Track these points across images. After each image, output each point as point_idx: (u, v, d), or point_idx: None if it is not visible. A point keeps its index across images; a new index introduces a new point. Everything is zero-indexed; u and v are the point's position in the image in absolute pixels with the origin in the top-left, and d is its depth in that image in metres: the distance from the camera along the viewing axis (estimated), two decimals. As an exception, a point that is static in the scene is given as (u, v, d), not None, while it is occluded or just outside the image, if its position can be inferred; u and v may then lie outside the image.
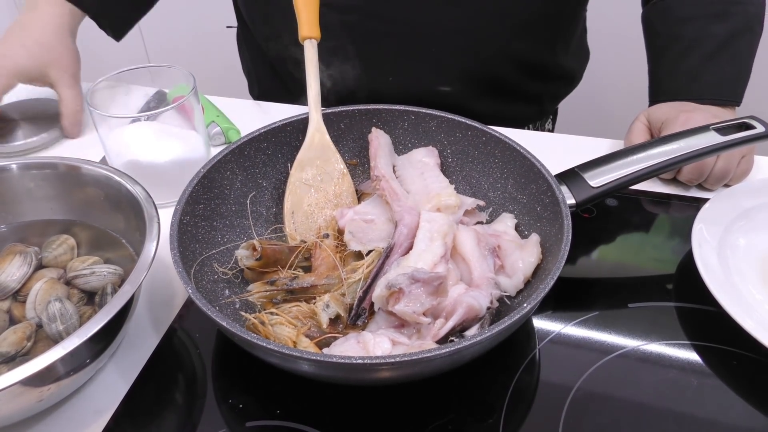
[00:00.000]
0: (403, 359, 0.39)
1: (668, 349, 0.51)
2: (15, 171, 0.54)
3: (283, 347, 0.40)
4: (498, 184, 0.60)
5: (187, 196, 0.51)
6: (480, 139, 0.59)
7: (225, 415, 0.47)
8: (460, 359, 0.43)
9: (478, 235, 0.53)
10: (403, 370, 0.41)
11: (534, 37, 0.75)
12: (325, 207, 0.59)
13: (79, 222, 0.56)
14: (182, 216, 0.50)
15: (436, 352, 0.39)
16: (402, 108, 0.61)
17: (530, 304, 0.42)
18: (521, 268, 0.51)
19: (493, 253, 0.52)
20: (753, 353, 0.50)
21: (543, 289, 0.43)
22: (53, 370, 0.41)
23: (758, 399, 0.47)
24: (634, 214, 0.64)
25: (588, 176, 0.53)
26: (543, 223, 0.54)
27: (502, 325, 0.41)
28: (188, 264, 0.48)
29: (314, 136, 0.59)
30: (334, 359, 0.40)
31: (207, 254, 0.53)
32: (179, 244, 0.48)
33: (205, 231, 0.54)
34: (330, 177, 0.60)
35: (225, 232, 0.56)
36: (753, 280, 0.54)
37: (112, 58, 1.85)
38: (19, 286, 0.50)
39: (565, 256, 0.46)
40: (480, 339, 0.40)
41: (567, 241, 0.47)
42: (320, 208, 0.59)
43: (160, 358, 0.51)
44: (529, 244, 0.53)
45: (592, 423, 0.46)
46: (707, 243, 0.56)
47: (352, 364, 0.39)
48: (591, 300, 0.56)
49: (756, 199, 0.60)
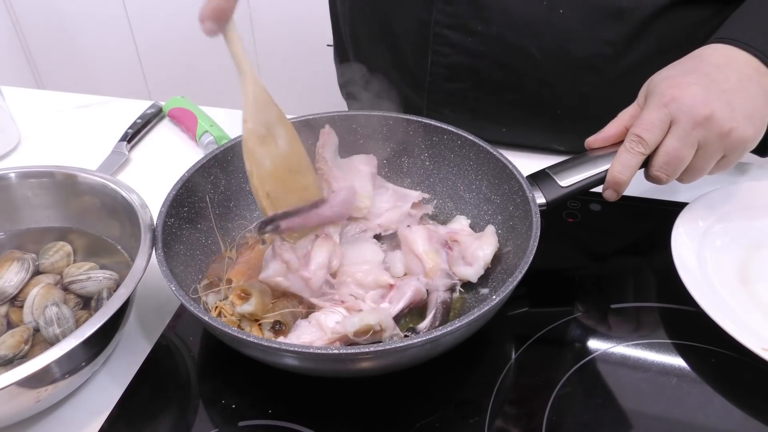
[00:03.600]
0: (377, 349, 0.41)
1: (649, 348, 0.53)
2: (13, 180, 0.56)
3: (262, 339, 0.43)
4: (473, 186, 0.62)
5: (171, 198, 0.53)
6: (455, 143, 0.62)
7: (218, 415, 0.48)
8: (434, 349, 0.45)
9: (429, 232, 0.57)
10: (379, 360, 0.44)
11: None
12: (294, 172, 0.54)
13: (75, 229, 0.58)
14: (167, 218, 0.52)
15: (411, 342, 0.41)
16: (380, 114, 0.63)
17: (499, 296, 0.45)
18: (481, 256, 0.55)
19: (445, 246, 0.57)
20: (730, 351, 0.51)
21: (512, 281, 0.45)
22: (50, 372, 0.43)
23: (735, 395, 0.49)
24: (617, 219, 0.66)
25: (558, 177, 0.55)
26: (515, 221, 0.56)
27: (471, 316, 0.43)
28: (172, 263, 0.50)
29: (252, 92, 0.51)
30: (311, 350, 0.42)
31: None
32: (164, 245, 0.50)
33: (189, 233, 0.55)
34: (284, 138, 0.53)
35: (209, 234, 0.58)
36: (730, 281, 0.56)
37: (104, 67, 1.88)
38: (16, 291, 0.52)
39: (533, 252, 0.48)
40: (452, 329, 0.42)
41: (535, 238, 0.49)
42: (290, 173, 0.54)
43: (154, 362, 0.52)
44: (485, 235, 0.57)
45: (575, 419, 0.47)
46: (686, 246, 0.58)
47: (328, 354, 0.42)
48: (574, 301, 0.57)
49: (732, 204, 0.62)
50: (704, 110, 0.52)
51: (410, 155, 0.65)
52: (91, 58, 1.88)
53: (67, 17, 1.80)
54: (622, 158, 0.54)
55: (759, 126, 0.54)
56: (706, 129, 0.52)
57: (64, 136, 0.81)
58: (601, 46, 0.66)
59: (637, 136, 0.54)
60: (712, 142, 0.53)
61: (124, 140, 0.77)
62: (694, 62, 0.57)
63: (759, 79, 0.55)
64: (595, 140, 0.57)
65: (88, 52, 1.86)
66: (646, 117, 0.54)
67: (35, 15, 1.82)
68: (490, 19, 0.66)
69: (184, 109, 0.81)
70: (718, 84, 0.54)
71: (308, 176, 0.56)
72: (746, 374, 0.50)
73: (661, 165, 0.54)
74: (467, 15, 0.67)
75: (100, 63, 1.88)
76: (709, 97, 0.53)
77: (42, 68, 1.96)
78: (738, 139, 0.53)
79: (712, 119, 0.52)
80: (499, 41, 0.67)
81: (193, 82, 1.83)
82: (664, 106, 0.53)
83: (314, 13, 1.52)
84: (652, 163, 0.55)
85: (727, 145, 0.53)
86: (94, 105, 0.88)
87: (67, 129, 0.83)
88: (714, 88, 0.53)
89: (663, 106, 0.53)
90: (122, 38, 1.80)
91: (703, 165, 0.55)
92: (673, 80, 0.55)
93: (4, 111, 0.78)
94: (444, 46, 0.70)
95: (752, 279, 0.56)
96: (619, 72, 0.68)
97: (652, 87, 0.56)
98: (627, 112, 0.58)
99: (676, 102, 0.53)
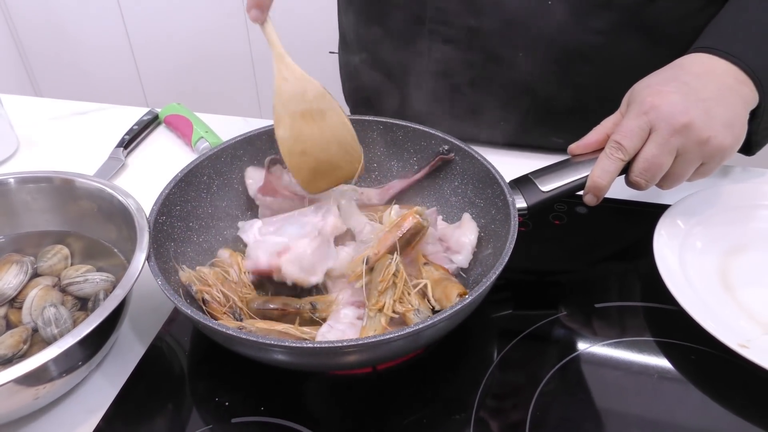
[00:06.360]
0: (362, 342, 0.43)
1: (632, 345, 0.54)
2: (13, 185, 0.57)
3: (232, 329, 0.45)
4: (459, 189, 0.63)
5: (164, 197, 0.55)
6: (443, 147, 0.63)
7: (211, 412, 0.49)
8: (416, 341, 0.47)
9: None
10: (364, 352, 0.45)
11: None
12: (327, 149, 0.56)
13: (72, 233, 0.59)
14: (158, 216, 0.54)
15: (394, 334, 0.43)
16: (371, 118, 0.65)
17: (477, 291, 0.46)
18: (467, 242, 0.58)
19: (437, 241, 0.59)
20: (709, 348, 0.53)
21: (490, 276, 0.47)
22: (48, 370, 0.44)
23: (713, 389, 0.51)
24: (602, 221, 0.68)
25: (539, 182, 0.57)
26: (496, 224, 0.58)
27: (451, 310, 0.44)
28: (161, 260, 0.52)
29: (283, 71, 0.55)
30: (309, 345, 0.43)
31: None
32: (154, 241, 0.51)
33: (180, 231, 0.57)
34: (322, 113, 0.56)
35: (201, 233, 0.60)
36: (710, 281, 0.58)
37: (101, 75, 1.89)
38: (15, 293, 0.53)
39: (509, 252, 0.49)
40: (432, 322, 0.44)
41: (512, 240, 0.50)
42: (324, 151, 0.56)
43: (150, 362, 0.53)
44: (464, 222, 0.60)
45: (559, 414, 0.49)
46: (667, 246, 0.59)
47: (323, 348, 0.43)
48: (559, 301, 0.59)
49: (714, 207, 0.64)
50: (683, 118, 0.53)
51: (399, 159, 0.66)
52: (89, 66, 1.90)
53: (64, 25, 1.82)
54: (602, 164, 0.56)
55: (737, 134, 0.55)
56: (684, 137, 0.54)
57: (61, 142, 0.83)
58: (591, 35, 0.67)
59: (617, 142, 0.55)
60: (690, 150, 0.54)
61: (121, 146, 0.79)
62: (675, 71, 0.58)
63: (738, 87, 0.57)
64: (578, 146, 0.59)
65: (85, 60, 1.88)
66: (625, 124, 0.55)
67: (33, 23, 1.84)
68: (482, 13, 0.68)
69: (180, 116, 0.82)
70: (697, 93, 0.55)
71: (344, 155, 0.57)
72: (723, 370, 0.52)
73: (641, 171, 0.55)
74: (460, 10, 0.69)
75: (97, 71, 1.90)
76: (688, 105, 0.54)
77: (39, 76, 1.97)
78: (716, 147, 0.54)
79: (690, 127, 0.53)
80: (492, 35, 0.69)
81: (189, 90, 1.85)
82: (644, 114, 0.54)
83: (316, 18, 1.54)
84: (631, 169, 0.56)
85: (706, 153, 0.55)
86: (92, 112, 0.89)
87: (64, 135, 0.84)
88: (693, 97, 0.54)
89: (643, 114, 0.55)
90: (119, 46, 1.82)
91: (682, 172, 0.56)
92: (653, 89, 0.56)
93: (3, 118, 0.79)
94: (439, 42, 0.72)
95: (731, 279, 0.58)
96: (612, 62, 0.69)
97: (634, 95, 0.57)
98: (610, 120, 0.59)
99: (655, 110, 0.54)
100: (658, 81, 0.57)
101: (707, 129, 0.53)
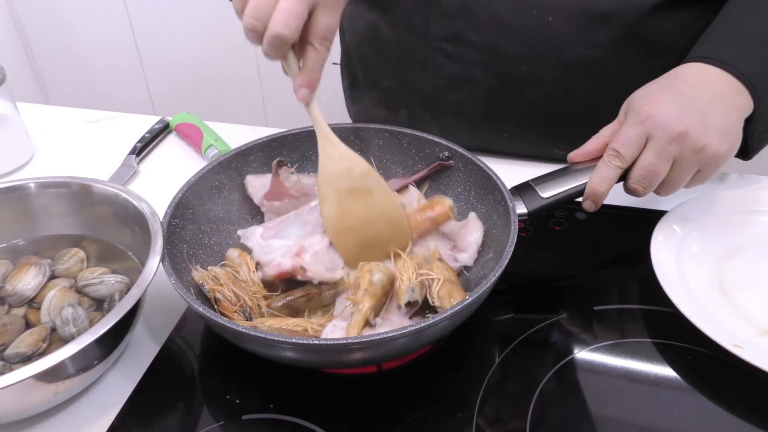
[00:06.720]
0: (366, 339, 0.45)
1: (630, 346, 0.56)
2: (32, 189, 0.59)
3: (242, 326, 0.46)
4: (462, 195, 0.65)
5: (177, 200, 0.58)
6: (443, 154, 0.65)
7: (222, 410, 0.51)
8: (419, 339, 0.49)
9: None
10: (369, 350, 0.47)
11: None
12: (374, 225, 0.58)
13: (88, 236, 0.61)
14: (171, 219, 0.56)
15: (398, 332, 0.44)
16: (377, 126, 0.67)
17: (478, 292, 0.48)
18: (472, 241, 0.60)
19: (444, 238, 0.62)
20: (705, 349, 0.54)
21: (490, 278, 0.49)
22: (66, 367, 0.46)
23: (708, 389, 0.52)
24: (600, 226, 0.69)
25: (540, 188, 0.59)
26: (498, 230, 0.59)
27: (452, 309, 0.46)
28: (174, 260, 0.54)
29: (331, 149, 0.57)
30: (319, 342, 0.46)
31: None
32: (168, 243, 0.54)
33: (193, 233, 0.60)
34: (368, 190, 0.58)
35: (212, 236, 0.62)
36: (705, 284, 0.59)
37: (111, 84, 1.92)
38: (34, 293, 0.55)
39: (509, 255, 0.51)
40: (433, 321, 0.45)
41: (512, 243, 0.52)
42: (371, 227, 0.58)
43: (163, 361, 0.55)
44: (470, 221, 0.62)
45: (559, 413, 0.50)
46: (665, 251, 0.61)
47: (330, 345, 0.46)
48: (559, 304, 0.60)
49: (710, 212, 0.66)
50: (679, 127, 0.55)
51: (404, 166, 0.68)
52: (98, 76, 1.93)
53: (74, 35, 1.85)
54: (600, 171, 0.58)
55: (732, 142, 0.57)
56: (680, 145, 0.55)
57: (75, 150, 0.85)
58: (591, 49, 0.69)
59: (615, 150, 0.57)
60: (686, 157, 0.56)
61: (133, 153, 0.81)
62: (670, 81, 0.60)
63: (732, 96, 0.58)
64: (577, 154, 0.61)
65: (95, 70, 1.91)
66: (623, 133, 0.57)
67: (44, 33, 1.87)
68: (485, 30, 0.70)
69: (190, 124, 0.85)
70: (692, 102, 0.56)
71: (391, 230, 0.58)
72: (719, 370, 0.53)
73: (638, 178, 0.57)
74: (463, 27, 0.71)
75: (107, 80, 1.93)
76: (684, 114, 0.55)
77: (50, 87, 2.01)
78: (712, 154, 0.56)
79: (686, 135, 0.55)
80: (495, 50, 0.71)
81: (198, 99, 1.87)
82: (641, 122, 0.56)
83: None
84: (629, 176, 0.58)
85: (702, 160, 0.56)
86: (104, 120, 0.92)
87: (78, 143, 0.87)
88: (688, 106, 0.56)
89: (639, 122, 0.56)
90: (128, 56, 1.85)
91: (679, 179, 0.57)
92: (650, 98, 0.58)
93: (19, 125, 0.82)
94: (443, 58, 0.74)
95: (726, 282, 0.60)
96: (612, 74, 0.71)
97: (631, 104, 0.59)
98: (608, 129, 0.61)
99: (651, 119, 0.55)
100: (654, 90, 0.59)
101: (703, 137, 0.55)
